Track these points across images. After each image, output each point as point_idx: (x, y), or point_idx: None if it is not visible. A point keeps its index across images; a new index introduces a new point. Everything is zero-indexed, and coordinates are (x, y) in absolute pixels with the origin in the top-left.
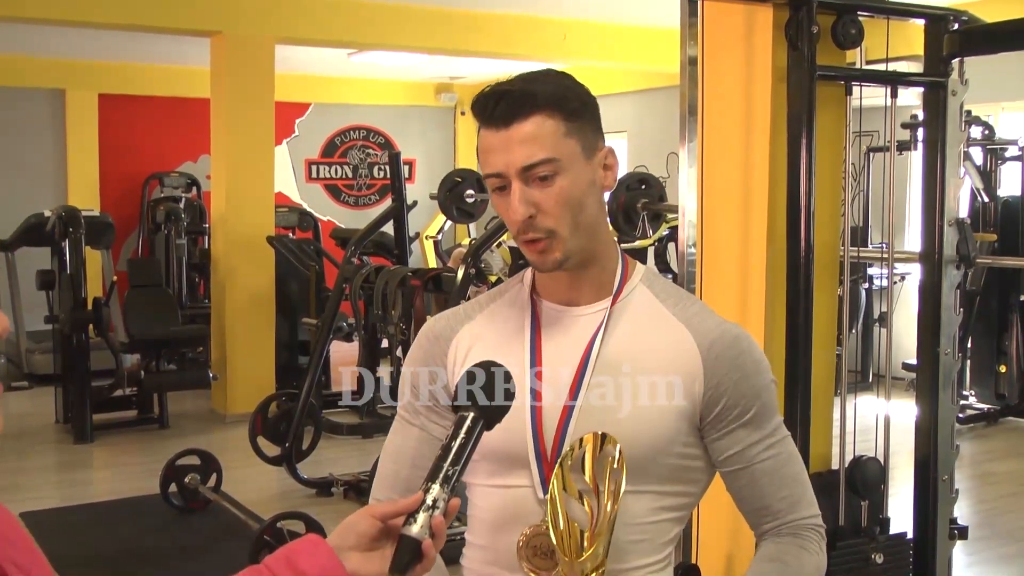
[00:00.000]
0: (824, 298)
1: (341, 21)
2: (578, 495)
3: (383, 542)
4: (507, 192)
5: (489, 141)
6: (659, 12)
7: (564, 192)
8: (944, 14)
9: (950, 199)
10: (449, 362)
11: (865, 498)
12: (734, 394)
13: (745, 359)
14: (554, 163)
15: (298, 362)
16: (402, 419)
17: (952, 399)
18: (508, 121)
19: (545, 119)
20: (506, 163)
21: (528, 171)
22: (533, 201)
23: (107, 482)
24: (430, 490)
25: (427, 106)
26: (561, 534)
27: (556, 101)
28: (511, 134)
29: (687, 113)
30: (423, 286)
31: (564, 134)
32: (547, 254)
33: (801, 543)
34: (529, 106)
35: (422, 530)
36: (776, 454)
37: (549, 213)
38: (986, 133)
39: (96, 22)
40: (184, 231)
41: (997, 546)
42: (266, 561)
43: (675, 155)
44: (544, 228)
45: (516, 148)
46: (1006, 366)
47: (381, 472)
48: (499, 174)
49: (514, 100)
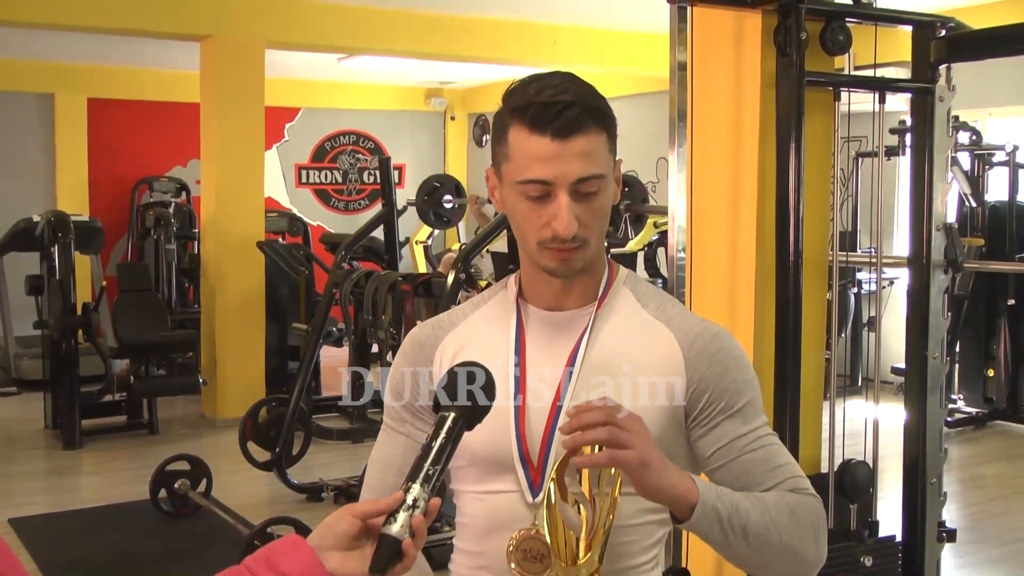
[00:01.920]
0: (813, 302)
1: (332, 26)
2: (574, 502)
3: (363, 541)
4: (546, 201)
5: (540, 148)
6: (648, 17)
7: (602, 207)
8: (931, 20)
9: (938, 204)
10: (435, 369)
11: (854, 501)
12: (717, 388)
13: (725, 355)
14: (602, 180)
15: (288, 367)
16: (388, 427)
17: (940, 403)
18: (569, 133)
19: (599, 134)
20: (559, 174)
21: (579, 184)
22: (578, 216)
23: (96, 488)
24: (410, 489)
25: (417, 111)
26: (557, 540)
27: (606, 116)
28: (569, 146)
29: (676, 118)
30: (413, 291)
31: (608, 150)
32: (570, 263)
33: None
34: (591, 120)
35: (402, 529)
36: (765, 445)
37: (588, 227)
38: (974, 138)
39: (86, 26)
40: (174, 236)
41: (985, 549)
42: (245, 562)
43: (665, 160)
44: (580, 239)
45: (572, 160)
46: (994, 370)
47: (368, 481)
48: (546, 182)
49: (580, 114)
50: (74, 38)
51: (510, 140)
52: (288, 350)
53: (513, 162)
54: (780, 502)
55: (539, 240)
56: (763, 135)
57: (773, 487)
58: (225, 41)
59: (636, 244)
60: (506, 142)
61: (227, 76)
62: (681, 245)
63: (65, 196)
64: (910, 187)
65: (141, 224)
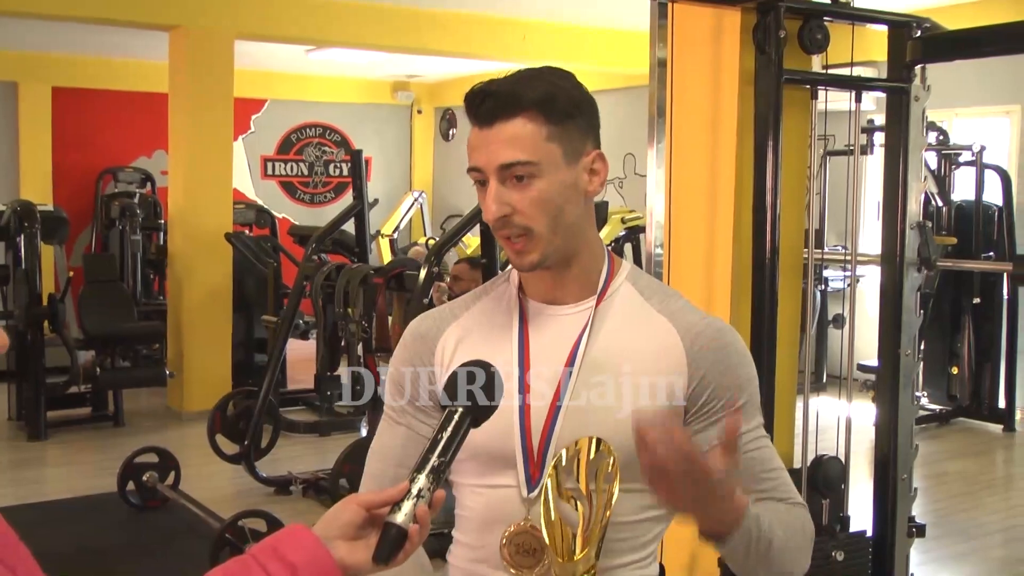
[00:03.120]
0: (788, 299)
1: (301, 17)
2: (571, 499)
3: (368, 531)
4: (485, 189)
5: (473, 137)
6: (618, 14)
7: (541, 194)
8: (907, 20)
9: (911, 202)
10: (436, 361)
11: (826, 497)
12: (719, 386)
13: (730, 351)
14: (530, 166)
15: (254, 360)
16: (388, 418)
17: (912, 399)
18: (491, 120)
19: (527, 122)
20: (485, 160)
21: (504, 171)
22: (508, 201)
23: (62, 480)
24: (416, 480)
25: (384, 104)
26: (553, 535)
27: (541, 104)
28: (493, 133)
29: (656, 114)
30: (385, 284)
31: (545, 138)
32: (524, 255)
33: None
34: (512, 107)
35: (407, 518)
36: (761, 447)
37: (524, 213)
38: (941, 138)
39: (51, 14)
40: (139, 227)
41: (950, 544)
42: (252, 551)
43: (632, 155)
44: (520, 226)
45: (495, 147)
46: (958, 367)
47: (368, 471)
48: (478, 169)
49: (498, 100)
50: (39, 26)
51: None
52: (255, 342)
53: (468, 154)
54: (795, 523)
55: (493, 230)
56: (741, 132)
57: (769, 491)
58: (194, 31)
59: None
60: None
61: (196, 67)
62: (659, 241)
63: (28, 185)
64: (883, 185)
65: (106, 215)
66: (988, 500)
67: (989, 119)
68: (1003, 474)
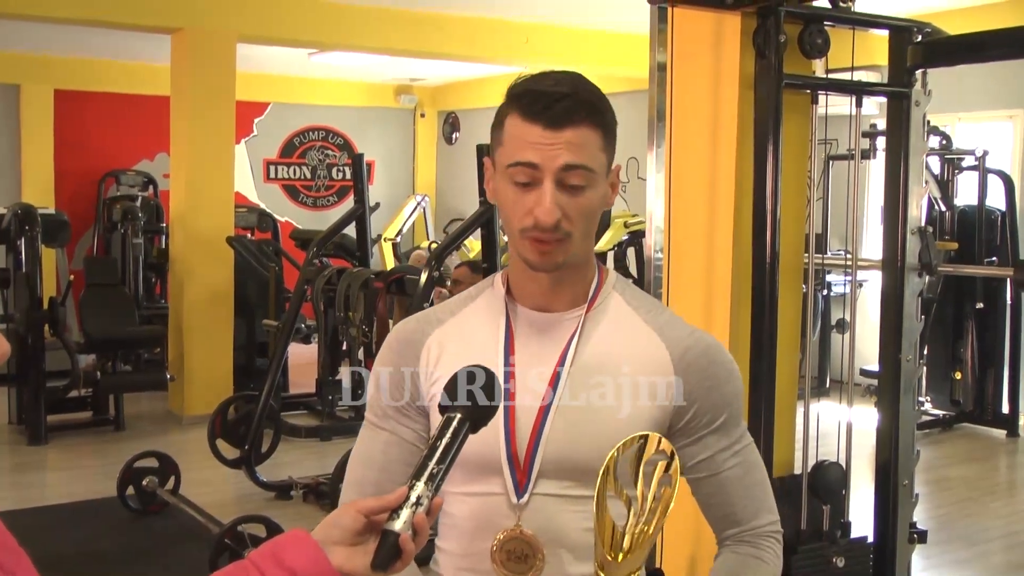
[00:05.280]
0: (788, 304)
1: (303, 20)
2: (626, 497)
3: (367, 537)
4: (530, 188)
5: (531, 134)
6: (621, 17)
7: (588, 204)
8: (908, 25)
9: (913, 207)
10: (421, 365)
11: (827, 502)
12: (705, 403)
13: (717, 369)
14: (588, 174)
15: (255, 363)
16: (370, 423)
17: (913, 405)
18: (561, 124)
19: (592, 131)
20: (546, 158)
21: (565, 172)
22: (562, 205)
23: (62, 484)
24: (415, 487)
25: (387, 107)
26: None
27: (602, 115)
28: (560, 135)
29: (656, 118)
30: (386, 288)
31: (600, 148)
32: (551, 255)
33: (758, 553)
34: (584, 115)
35: (405, 526)
36: (742, 461)
37: (571, 220)
38: (944, 143)
39: (54, 16)
40: (141, 230)
41: (953, 551)
42: (251, 557)
43: (634, 159)
44: (563, 231)
45: (561, 148)
46: (961, 373)
47: (350, 478)
48: (533, 165)
49: (573, 105)
50: (42, 28)
51: (506, 126)
52: (256, 346)
53: (505, 146)
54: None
55: (522, 228)
56: (741, 137)
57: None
58: (196, 34)
59: (605, 244)
60: (502, 128)
61: (198, 69)
62: (659, 245)
63: (30, 188)
64: (885, 190)
65: (107, 218)
66: (991, 506)
67: (992, 124)
68: (1006, 480)
